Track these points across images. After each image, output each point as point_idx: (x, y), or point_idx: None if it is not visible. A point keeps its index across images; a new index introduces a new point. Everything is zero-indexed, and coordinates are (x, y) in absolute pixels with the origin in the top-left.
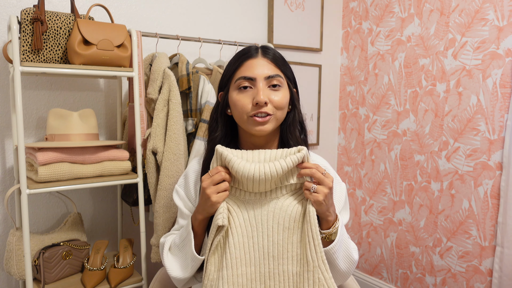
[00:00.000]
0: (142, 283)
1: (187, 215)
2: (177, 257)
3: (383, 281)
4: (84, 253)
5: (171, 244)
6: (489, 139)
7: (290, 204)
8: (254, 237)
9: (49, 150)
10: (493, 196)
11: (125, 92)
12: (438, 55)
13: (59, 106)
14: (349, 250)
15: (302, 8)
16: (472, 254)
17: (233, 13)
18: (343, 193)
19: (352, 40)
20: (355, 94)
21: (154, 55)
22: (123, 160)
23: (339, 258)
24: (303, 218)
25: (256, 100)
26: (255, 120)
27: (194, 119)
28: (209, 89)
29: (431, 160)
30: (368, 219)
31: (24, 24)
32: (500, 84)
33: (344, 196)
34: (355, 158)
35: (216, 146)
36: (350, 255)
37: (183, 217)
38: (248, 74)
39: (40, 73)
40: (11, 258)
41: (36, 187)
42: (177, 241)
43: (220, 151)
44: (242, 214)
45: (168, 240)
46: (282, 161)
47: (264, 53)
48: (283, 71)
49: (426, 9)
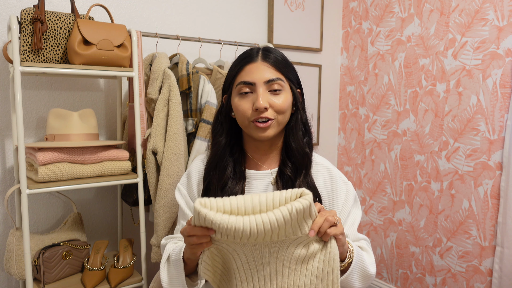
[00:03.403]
0: (142, 283)
1: (188, 215)
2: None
3: (383, 281)
4: (84, 253)
5: (169, 254)
6: (489, 139)
7: (295, 243)
8: (255, 281)
9: (49, 150)
10: (493, 196)
11: (125, 92)
12: (438, 55)
13: (59, 106)
14: (365, 268)
15: (302, 8)
16: (472, 254)
17: (233, 13)
18: (351, 192)
19: (352, 40)
20: (355, 94)
21: (154, 55)
22: (123, 160)
23: (354, 279)
24: (313, 259)
25: (256, 106)
26: (256, 125)
27: (194, 119)
28: (209, 89)
29: (431, 160)
30: (368, 219)
31: (24, 24)
32: (500, 84)
33: (352, 194)
34: (355, 158)
35: (195, 203)
36: (366, 272)
37: (184, 218)
38: (247, 79)
39: (40, 73)
40: (11, 258)
41: (36, 187)
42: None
43: (198, 210)
44: (239, 257)
45: (168, 249)
46: (283, 211)
47: (264, 56)
48: (285, 73)
49: (426, 9)
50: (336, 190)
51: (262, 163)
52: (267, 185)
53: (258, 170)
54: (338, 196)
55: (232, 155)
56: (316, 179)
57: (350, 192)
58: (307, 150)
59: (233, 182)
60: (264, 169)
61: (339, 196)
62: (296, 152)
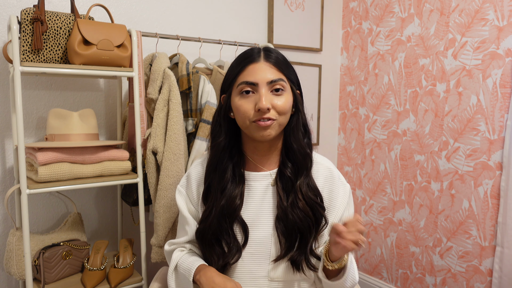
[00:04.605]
0: (142, 283)
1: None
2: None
3: (383, 281)
4: (84, 253)
5: (177, 263)
6: (489, 139)
7: None
8: None
9: (49, 150)
10: (493, 196)
11: (125, 92)
12: (438, 55)
13: (59, 106)
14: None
15: (302, 8)
16: (472, 254)
17: (233, 13)
18: (347, 194)
19: (352, 40)
20: (355, 94)
21: (154, 55)
22: (123, 160)
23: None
24: None
25: (259, 107)
26: (258, 124)
27: (194, 119)
28: (209, 89)
29: (431, 160)
30: (368, 219)
31: (24, 24)
32: (500, 84)
33: (347, 196)
34: (355, 158)
35: None
36: (354, 276)
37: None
38: (250, 79)
39: (40, 73)
40: (11, 258)
41: (36, 187)
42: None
43: None
44: None
45: (175, 258)
46: None
47: (267, 57)
48: (286, 74)
49: (426, 9)
50: (334, 191)
51: (261, 165)
52: (267, 187)
53: (258, 172)
54: (336, 196)
55: (231, 157)
56: (317, 179)
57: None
58: (308, 151)
59: (232, 185)
60: (263, 171)
61: (337, 196)
62: (297, 153)
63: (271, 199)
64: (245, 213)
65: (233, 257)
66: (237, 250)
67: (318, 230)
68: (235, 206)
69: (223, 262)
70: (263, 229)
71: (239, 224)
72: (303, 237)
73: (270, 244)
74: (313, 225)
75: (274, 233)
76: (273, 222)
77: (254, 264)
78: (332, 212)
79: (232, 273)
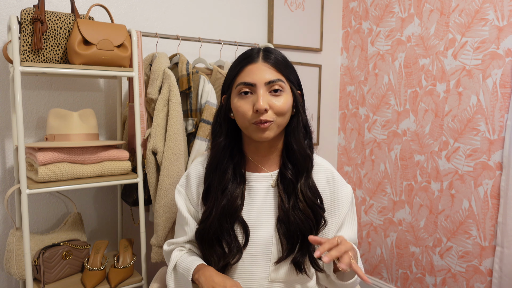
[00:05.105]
0: (142, 283)
1: (187, 218)
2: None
3: (383, 281)
4: (84, 253)
5: (176, 263)
6: (489, 139)
7: None
8: None
9: (49, 150)
10: (493, 196)
11: (125, 92)
12: (438, 55)
13: (59, 106)
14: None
15: (302, 8)
16: (472, 254)
17: (233, 13)
18: (349, 195)
19: (352, 40)
20: (355, 94)
21: (154, 55)
22: (123, 160)
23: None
24: None
25: (256, 108)
26: (256, 126)
27: (194, 119)
28: (209, 89)
29: (431, 160)
30: (368, 219)
31: (24, 24)
32: (500, 84)
33: (349, 202)
34: (355, 158)
35: None
36: None
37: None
38: (248, 80)
39: (40, 73)
40: (11, 258)
41: (36, 187)
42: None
43: None
44: None
45: (174, 258)
46: None
47: (265, 57)
48: (285, 75)
49: (426, 9)
50: (336, 192)
51: (262, 165)
52: (267, 188)
53: (258, 173)
54: (339, 197)
55: (232, 158)
56: (317, 181)
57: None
58: (309, 152)
59: (233, 185)
60: (264, 172)
61: (340, 197)
62: (298, 154)
63: (272, 201)
64: (246, 214)
65: (233, 258)
66: (238, 250)
67: (318, 231)
68: (236, 207)
69: (223, 263)
70: (264, 230)
71: (240, 224)
72: (304, 238)
73: (271, 245)
74: (313, 226)
75: (275, 234)
76: (274, 224)
77: (254, 265)
78: (335, 214)
79: (232, 274)
